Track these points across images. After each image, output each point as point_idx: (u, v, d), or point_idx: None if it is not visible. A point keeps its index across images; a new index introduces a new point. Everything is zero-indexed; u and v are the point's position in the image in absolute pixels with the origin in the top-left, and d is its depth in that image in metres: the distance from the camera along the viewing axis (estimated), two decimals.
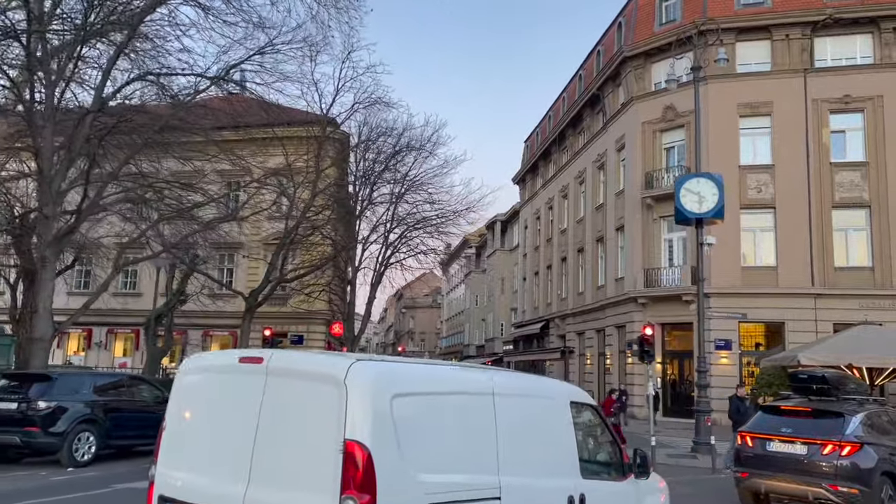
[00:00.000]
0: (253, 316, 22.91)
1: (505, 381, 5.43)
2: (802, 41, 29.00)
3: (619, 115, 34.11)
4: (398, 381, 4.44)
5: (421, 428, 4.38)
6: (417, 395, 4.47)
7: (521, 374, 6.28)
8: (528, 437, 5.29)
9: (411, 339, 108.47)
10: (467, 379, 5.19)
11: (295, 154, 21.77)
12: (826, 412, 9.28)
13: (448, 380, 4.98)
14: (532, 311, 48.49)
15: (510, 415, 5.09)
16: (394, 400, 4.20)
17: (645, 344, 17.39)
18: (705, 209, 16.16)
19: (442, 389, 4.75)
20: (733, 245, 28.36)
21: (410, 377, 4.67)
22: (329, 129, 22.56)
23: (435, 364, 5.36)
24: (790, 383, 10.60)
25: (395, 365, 4.70)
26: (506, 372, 5.93)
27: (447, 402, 4.70)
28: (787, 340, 27.18)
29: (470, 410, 4.85)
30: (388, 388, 4.23)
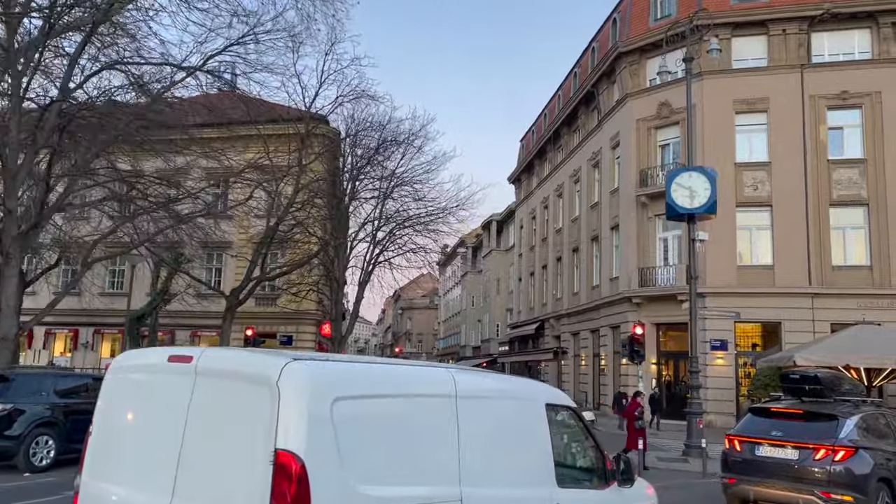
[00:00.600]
0: (234, 315, 22.35)
1: (470, 381, 4.93)
2: (799, 36, 28.51)
3: (614, 112, 33.61)
4: (341, 382, 3.93)
5: (368, 435, 3.89)
6: (365, 399, 3.97)
7: (489, 374, 5.71)
8: (495, 442, 4.81)
9: (409, 341, 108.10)
10: (426, 380, 4.67)
11: (276, 150, 21.20)
12: (819, 414, 8.74)
13: (403, 381, 4.44)
14: (527, 311, 47.99)
15: (475, 419, 4.61)
16: (336, 404, 3.71)
17: (635, 344, 16.89)
18: (697, 204, 15.63)
19: (395, 391, 4.23)
20: (729, 244, 27.89)
21: (357, 378, 4.16)
22: (312, 124, 22.00)
23: (389, 363, 4.83)
24: (781, 384, 10.02)
25: (338, 364, 4.16)
26: (472, 371, 5.40)
27: (401, 406, 4.19)
28: (784, 341, 26.68)
29: (428, 414, 4.37)
30: (328, 391, 3.74)
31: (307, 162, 21.74)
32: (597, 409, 33.37)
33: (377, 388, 4.13)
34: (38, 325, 35.10)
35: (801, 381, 9.45)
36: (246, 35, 16.39)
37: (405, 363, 4.99)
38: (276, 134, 22.16)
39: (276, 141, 21.87)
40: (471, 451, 4.49)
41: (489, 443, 4.73)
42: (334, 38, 19.59)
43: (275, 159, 21.40)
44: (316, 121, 23.71)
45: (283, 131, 22.14)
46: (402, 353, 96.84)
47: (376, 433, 3.96)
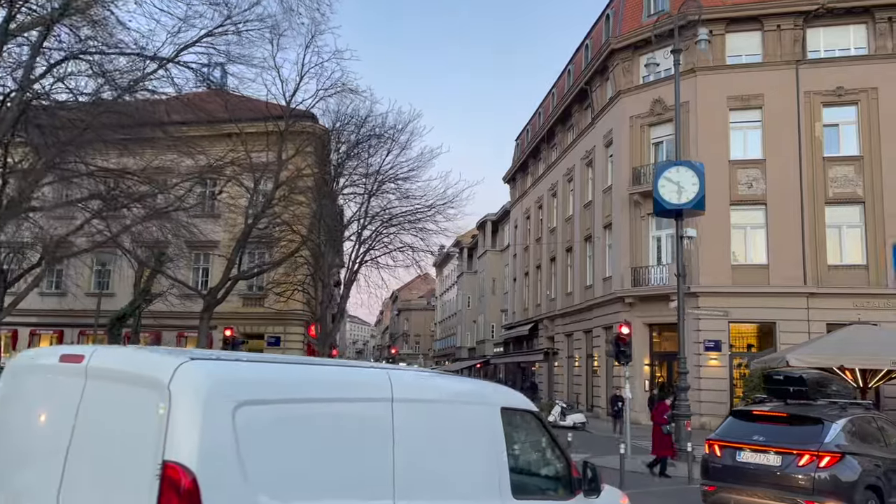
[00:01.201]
0: (211, 315, 21.84)
1: (410, 383, 4.43)
2: (794, 32, 28.04)
3: (607, 109, 33.15)
4: (247, 385, 3.42)
5: (282, 445, 3.40)
6: (278, 404, 3.47)
7: (436, 375, 5.17)
8: (439, 451, 4.31)
9: (406, 342, 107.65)
10: (356, 382, 4.11)
11: (255, 146, 20.69)
12: (803, 418, 8.21)
13: (327, 383, 3.88)
14: (522, 312, 47.50)
15: (415, 425, 4.12)
16: (239, 410, 3.23)
17: (621, 344, 16.36)
18: (685, 200, 15.14)
19: (317, 395, 3.70)
20: (723, 242, 27.44)
21: (269, 380, 3.62)
22: (293, 120, 21.49)
23: (314, 363, 4.25)
24: (764, 385, 9.49)
25: (244, 365, 3.61)
26: (414, 372, 4.90)
27: (324, 412, 3.67)
28: (779, 341, 26.21)
29: (357, 421, 3.86)
30: (230, 395, 3.25)
31: (287, 157, 21.22)
32: (590, 410, 32.89)
33: (295, 392, 3.62)
34: (22, 326, 34.92)
35: (784, 383, 8.92)
36: (222, 25, 15.91)
37: (334, 363, 4.41)
38: (260, 132, 21.63)
39: (257, 138, 21.36)
40: (409, 461, 4.00)
41: (431, 451, 4.24)
42: (315, 31, 18.95)
43: (257, 156, 20.90)
44: (298, 117, 23.21)
45: (263, 129, 21.58)
46: (397, 354, 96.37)
47: (293, 443, 3.47)
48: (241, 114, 20.30)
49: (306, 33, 19.53)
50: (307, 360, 4.40)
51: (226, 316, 32.36)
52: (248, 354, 4.17)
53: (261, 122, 21.46)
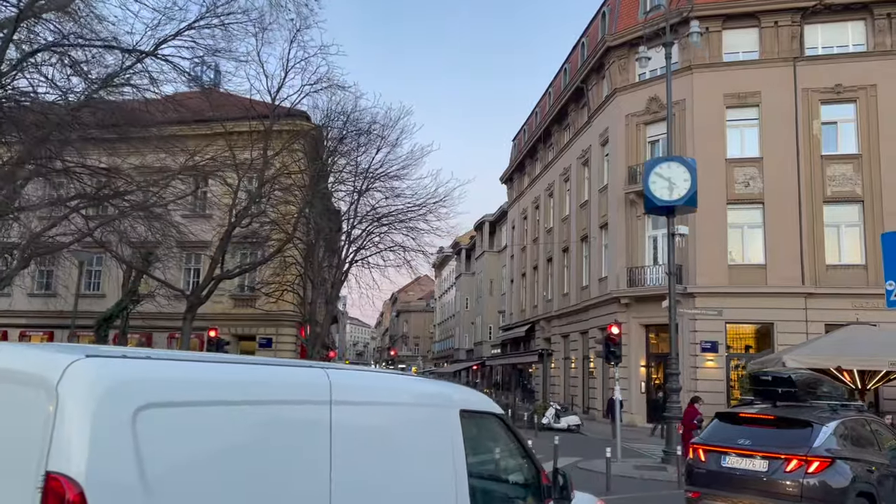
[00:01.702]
0: (195, 316, 21.44)
1: (353, 384, 3.89)
2: (792, 28, 27.66)
3: (603, 108, 32.78)
4: (152, 385, 2.91)
5: (195, 454, 2.94)
6: (188, 407, 2.98)
7: (384, 374, 4.65)
8: (386, 460, 3.84)
9: (405, 344, 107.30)
10: (288, 382, 3.55)
11: (238, 143, 20.29)
12: (792, 421, 7.78)
13: (252, 384, 3.34)
14: (519, 313, 47.11)
15: (358, 431, 3.64)
16: (141, 414, 2.75)
17: (611, 344, 15.96)
18: (676, 196, 14.73)
19: (236, 397, 3.19)
20: (719, 242, 27.07)
21: (178, 380, 3.08)
22: (279, 117, 21.10)
23: (237, 360, 3.67)
24: (752, 387, 9.06)
25: (151, 363, 3.07)
26: (359, 371, 4.31)
27: (245, 416, 3.18)
28: (777, 342, 25.82)
29: (287, 427, 3.37)
30: (130, 397, 2.77)
31: (273, 154, 20.84)
32: (586, 412, 32.48)
33: (210, 393, 3.12)
34: (12, 328, 34.56)
35: (773, 384, 8.49)
36: (203, 18, 15.53)
37: (262, 361, 3.79)
38: (243, 130, 21.22)
39: (243, 136, 20.94)
40: (349, 471, 3.53)
41: (377, 460, 3.78)
42: (300, 25, 18.53)
43: (242, 154, 20.49)
44: (285, 115, 22.81)
45: (248, 127, 21.17)
46: (396, 355, 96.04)
47: (208, 452, 3.00)
48: (226, 111, 19.90)
49: (291, 27, 19.02)
50: (229, 357, 3.73)
51: (217, 317, 31.99)
52: (165, 352, 3.58)
53: (245, 120, 21.02)
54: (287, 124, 22.60)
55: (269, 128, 20.62)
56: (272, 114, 20.82)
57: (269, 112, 22.06)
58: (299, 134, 22.66)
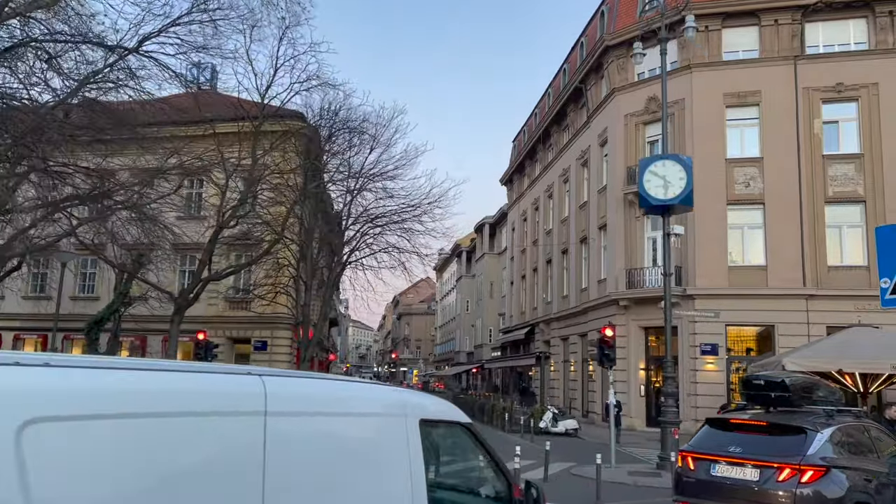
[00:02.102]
0: (182, 318, 21.11)
1: (293, 392, 3.41)
2: (792, 26, 27.28)
3: (602, 107, 32.43)
4: (43, 396, 2.48)
5: (93, 476, 2.50)
6: (88, 420, 2.54)
7: (332, 381, 4.02)
8: (330, 477, 3.38)
9: (406, 347, 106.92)
10: (214, 391, 3.04)
11: (225, 142, 19.96)
12: (785, 427, 7.39)
13: (164, 393, 2.84)
14: (519, 315, 46.72)
15: (299, 446, 3.20)
16: (28, 429, 2.34)
17: (605, 347, 15.58)
18: (672, 195, 14.37)
19: (147, 408, 2.73)
20: (719, 243, 26.69)
21: (75, 390, 2.63)
22: (268, 117, 20.76)
23: (149, 367, 3.05)
24: (743, 391, 8.66)
25: (41, 372, 2.59)
26: (301, 377, 3.81)
27: (159, 430, 2.72)
28: (778, 344, 25.40)
29: (211, 442, 2.90)
30: (15, 409, 2.36)
31: (262, 153, 20.50)
32: (585, 416, 32.07)
33: (116, 405, 2.66)
34: (6, 331, 34.30)
35: (765, 388, 8.09)
36: (189, 13, 15.22)
37: (188, 367, 3.27)
38: (230, 131, 20.89)
39: (232, 136, 20.61)
40: (286, 493, 3.08)
41: (319, 479, 3.32)
42: (290, 22, 18.20)
43: (231, 154, 20.16)
44: (276, 116, 22.47)
45: (236, 126, 20.83)
46: (398, 358, 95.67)
47: (113, 472, 2.56)
48: (215, 110, 19.58)
49: (281, 24, 18.67)
50: (144, 363, 3.13)
51: (211, 320, 31.71)
52: (68, 358, 3.05)
53: (235, 121, 20.69)
54: (277, 124, 22.26)
55: (257, 127, 20.30)
56: (261, 113, 20.50)
57: (258, 111, 21.80)
58: (289, 133, 22.31)
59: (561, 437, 25.02)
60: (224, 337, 32.11)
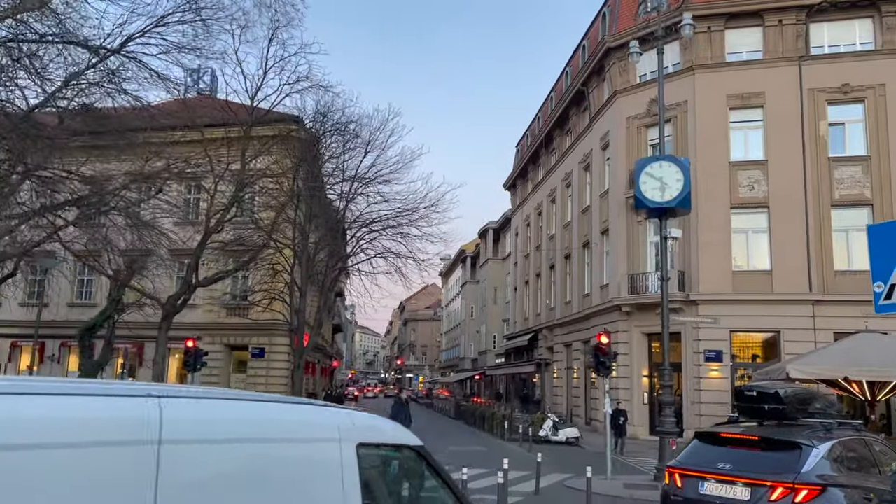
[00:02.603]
0: (170, 325, 20.71)
1: (197, 415, 2.91)
2: (797, 27, 26.77)
3: (604, 111, 31.98)
4: None
5: None
6: None
7: (248, 402, 3.40)
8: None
9: (412, 353, 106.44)
10: (90, 418, 2.54)
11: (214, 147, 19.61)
12: (778, 442, 6.86)
13: (29, 421, 2.38)
14: (522, 322, 46.19)
15: (200, 479, 2.74)
16: None
17: (600, 354, 15.10)
18: (668, 197, 13.90)
19: (12, 440, 2.28)
20: (723, 248, 26.17)
21: None
22: (265, 120, 20.41)
23: (27, 389, 2.54)
24: (735, 402, 8.15)
25: None
26: (211, 398, 3.20)
27: (27, 466, 2.29)
28: (784, 351, 24.83)
29: (90, 477, 2.44)
30: None
31: (251, 157, 20.13)
32: (588, 424, 31.52)
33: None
34: (3, 338, 34.06)
35: (758, 400, 7.59)
36: (175, 12, 14.90)
37: (66, 387, 2.76)
38: (226, 136, 20.54)
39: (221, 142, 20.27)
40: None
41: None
42: (283, 22, 17.84)
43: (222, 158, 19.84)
44: (277, 120, 22.16)
45: (226, 133, 20.48)
46: (403, 365, 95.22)
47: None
48: (204, 112, 19.27)
49: (271, 25, 18.30)
50: (17, 385, 2.57)
51: (208, 327, 31.38)
52: None
53: (226, 125, 20.34)
54: (269, 127, 21.91)
55: (246, 131, 19.94)
56: (250, 116, 20.15)
57: (247, 115, 21.48)
58: (277, 137, 21.95)
59: (561, 447, 24.51)
60: (222, 344, 31.76)
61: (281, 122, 24.29)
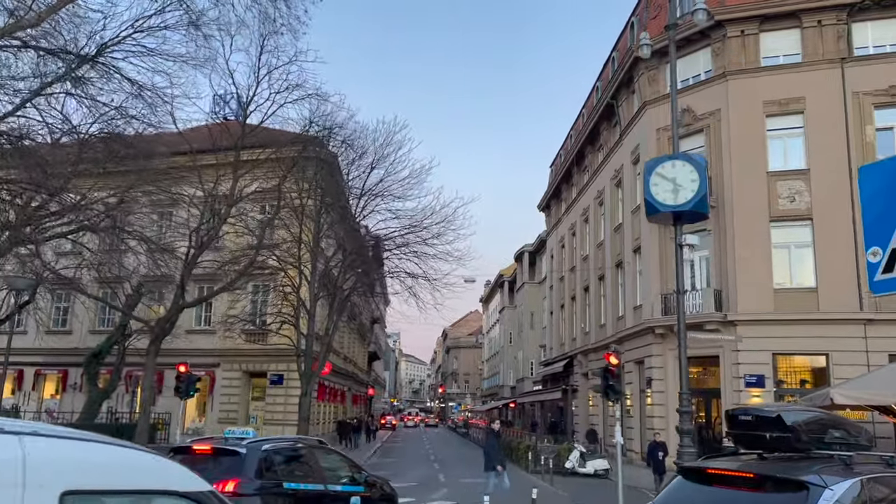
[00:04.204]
0: (159, 348, 19.86)
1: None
2: (838, 27, 25.02)
3: (634, 123, 30.55)
4: None
5: None
6: None
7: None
8: None
9: (455, 381, 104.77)
10: None
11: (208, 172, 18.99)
12: (780, 481, 5.26)
13: None
14: (559, 347, 44.42)
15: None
16: None
17: (609, 376, 13.62)
18: (682, 200, 12.43)
19: None
20: (763, 264, 24.34)
21: None
22: (248, 127, 19.65)
23: None
24: (729, 430, 6.62)
25: None
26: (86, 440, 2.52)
27: None
28: (833, 375, 22.80)
29: None
30: None
31: (242, 173, 19.35)
32: (624, 455, 29.53)
33: None
34: (28, 366, 33.93)
35: (755, 426, 6.03)
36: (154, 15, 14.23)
37: None
38: (217, 163, 19.92)
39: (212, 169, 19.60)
40: None
41: None
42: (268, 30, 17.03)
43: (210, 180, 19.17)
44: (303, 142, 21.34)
45: (217, 160, 19.84)
46: (444, 392, 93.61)
47: None
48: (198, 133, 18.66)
49: (261, 32, 17.48)
50: None
51: (226, 353, 30.69)
52: None
53: (215, 150, 19.71)
54: (259, 151, 21.06)
55: (238, 141, 19.15)
56: (242, 125, 19.36)
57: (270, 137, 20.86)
58: (277, 161, 21.18)
59: (588, 479, 22.84)
60: (240, 371, 31.01)
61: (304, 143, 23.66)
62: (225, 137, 19.46)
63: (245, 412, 30.85)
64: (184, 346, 28.82)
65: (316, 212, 22.03)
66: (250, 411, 31.07)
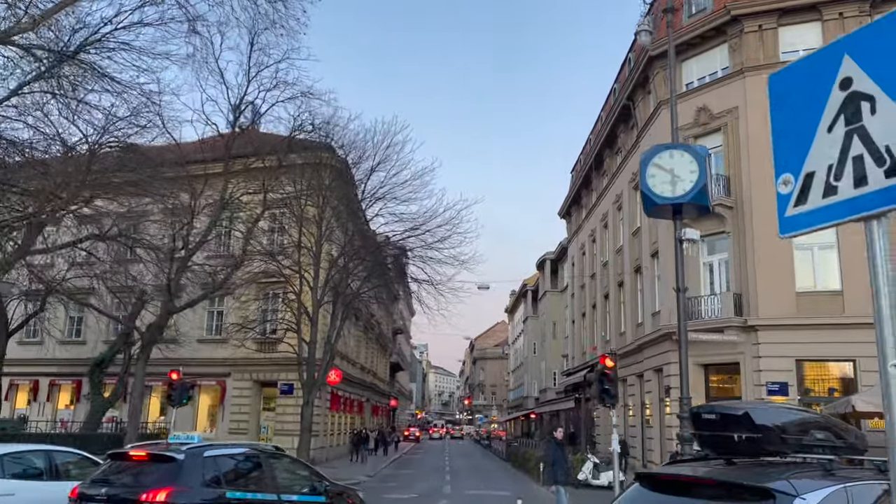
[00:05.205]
0: (149, 355, 19.47)
1: None
2: (860, 18, 23.96)
3: (650, 124, 29.74)
4: None
5: None
6: None
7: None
8: None
9: (482, 392, 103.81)
10: None
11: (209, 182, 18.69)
12: (744, 489, 4.48)
13: None
14: (580, 356, 43.45)
15: None
16: None
17: (605, 380, 12.85)
18: (680, 192, 11.69)
19: None
20: (785, 266, 23.32)
21: None
22: (240, 126, 19.30)
23: None
24: (695, 430, 5.82)
25: None
26: None
27: None
28: (861, 382, 21.70)
29: None
30: None
31: (235, 170, 19.00)
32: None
33: None
34: (42, 376, 33.99)
35: (722, 426, 5.22)
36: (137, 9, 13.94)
37: None
38: (206, 174, 19.63)
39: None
40: None
41: None
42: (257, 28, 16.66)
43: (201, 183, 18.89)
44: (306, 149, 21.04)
45: (205, 170, 19.53)
46: (471, 404, 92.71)
47: None
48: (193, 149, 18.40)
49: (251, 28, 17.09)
50: None
51: (237, 362, 30.38)
52: None
53: (210, 160, 19.46)
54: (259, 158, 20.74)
55: (229, 142, 18.81)
56: (237, 126, 19.04)
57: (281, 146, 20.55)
58: (307, 165, 20.83)
59: (602, 492, 21.87)
60: (251, 380, 30.68)
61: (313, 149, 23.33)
62: (218, 146, 19.21)
63: (256, 422, 30.48)
64: (194, 355, 28.60)
65: (318, 216, 21.62)
66: (261, 421, 30.69)
